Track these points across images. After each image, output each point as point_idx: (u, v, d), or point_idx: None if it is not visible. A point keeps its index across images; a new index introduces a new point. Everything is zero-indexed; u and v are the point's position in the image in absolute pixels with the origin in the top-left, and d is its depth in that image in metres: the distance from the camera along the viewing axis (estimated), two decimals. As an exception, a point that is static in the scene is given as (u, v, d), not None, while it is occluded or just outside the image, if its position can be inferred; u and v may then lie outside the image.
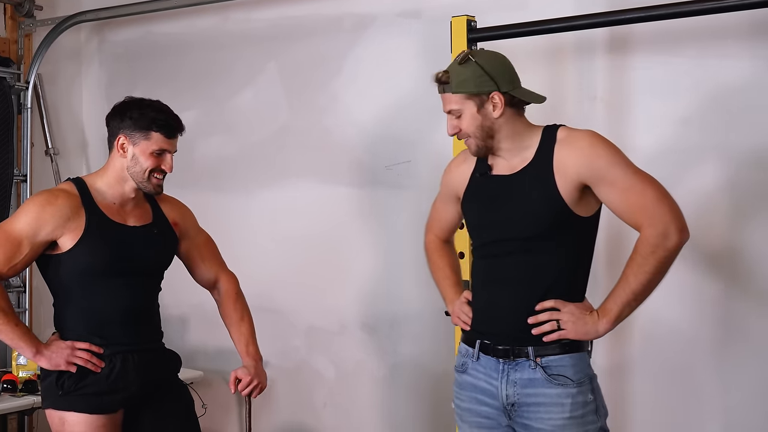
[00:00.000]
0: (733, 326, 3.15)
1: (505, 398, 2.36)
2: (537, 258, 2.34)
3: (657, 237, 2.22)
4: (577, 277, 2.38)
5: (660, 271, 2.25)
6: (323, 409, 4.07)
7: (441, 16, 3.42)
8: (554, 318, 2.31)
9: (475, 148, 2.41)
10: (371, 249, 3.93)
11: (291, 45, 4.12)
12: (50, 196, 2.65)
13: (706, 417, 3.20)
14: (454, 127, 2.41)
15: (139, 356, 2.68)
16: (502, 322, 2.39)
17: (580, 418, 2.30)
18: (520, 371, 2.34)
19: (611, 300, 2.30)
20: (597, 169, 2.27)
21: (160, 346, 2.82)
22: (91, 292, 2.64)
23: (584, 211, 2.33)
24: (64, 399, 2.62)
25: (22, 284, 4.43)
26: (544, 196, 2.32)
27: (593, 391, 2.34)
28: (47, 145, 4.59)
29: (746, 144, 3.12)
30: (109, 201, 2.68)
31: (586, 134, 2.34)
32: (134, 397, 2.68)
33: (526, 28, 3.10)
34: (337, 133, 4.00)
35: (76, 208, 2.62)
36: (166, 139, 2.64)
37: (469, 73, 2.35)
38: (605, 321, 2.29)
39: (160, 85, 4.18)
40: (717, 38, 3.15)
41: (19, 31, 4.52)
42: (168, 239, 2.80)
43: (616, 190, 2.27)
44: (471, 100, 2.35)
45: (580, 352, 2.34)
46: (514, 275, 2.37)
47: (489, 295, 2.44)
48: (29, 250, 2.60)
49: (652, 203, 2.24)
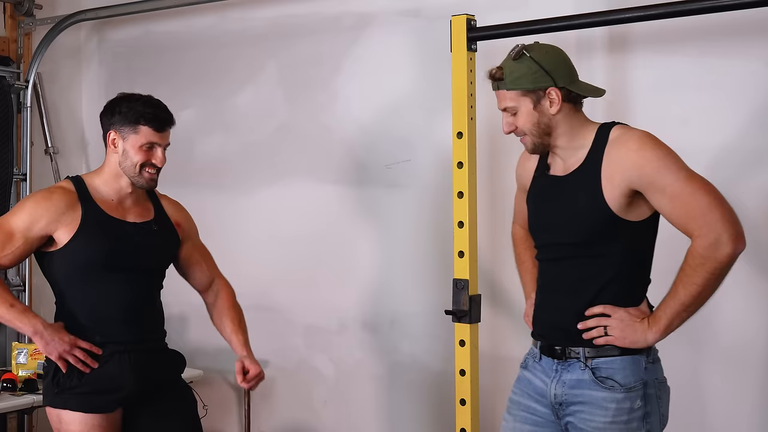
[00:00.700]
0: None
1: (554, 397, 2.34)
2: (586, 263, 2.30)
3: (707, 248, 2.13)
4: (631, 282, 2.31)
5: (711, 283, 2.16)
6: (323, 408, 4.07)
7: (440, 15, 3.42)
8: (602, 324, 2.26)
9: (532, 146, 2.36)
10: (371, 248, 3.93)
11: (290, 44, 4.11)
12: (47, 192, 2.67)
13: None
14: (509, 125, 2.35)
15: (138, 355, 2.67)
16: (554, 324, 2.38)
17: (624, 424, 2.24)
18: (570, 372, 2.32)
19: (661, 309, 2.23)
20: (646, 174, 2.18)
21: (161, 346, 2.81)
22: (90, 288, 2.64)
23: (635, 216, 2.25)
24: (59, 397, 2.63)
25: (22, 283, 4.43)
26: (589, 202, 2.26)
27: (645, 398, 2.26)
28: (47, 144, 4.59)
29: (747, 143, 3.12)
30: (107, 197, 2.68)
31: (637, 136, 2.25)
32: (132, 396, 2.67)
33: (526, 27, 3.09)
34: (336, 132, 4.00)
35: (72, 203, 2.63)
36: (155, 132, 2.63)
37: (525, 69, 2.29)
38: (654, 330, 2.23)
39: (159, 84, 4.17)
40: (717, 37, 3.15)
41: (18, 30, 4.52)
42: (169, 237, 2.79)
43: (666, 197, 2.17)
44: (527, 96, 2.30)
45: (634, 355, 2.26)
46: (566, 280, 2.35)
47: (545, 298, 2.44)
48: (22, 243, 2.61)
49: (703, 210, 2.13)
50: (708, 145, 3.18)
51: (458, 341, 3.01)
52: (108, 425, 2.64)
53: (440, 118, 3.54)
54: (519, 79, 2.30)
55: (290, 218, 4.12)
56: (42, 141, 4.59)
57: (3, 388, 3.60)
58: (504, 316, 3.50)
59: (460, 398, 3.01)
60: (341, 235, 4.00)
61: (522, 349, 2.58)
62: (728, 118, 3.15)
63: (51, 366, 2.68)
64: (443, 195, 3.45)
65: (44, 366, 2.74)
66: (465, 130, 3.02)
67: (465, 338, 2.99)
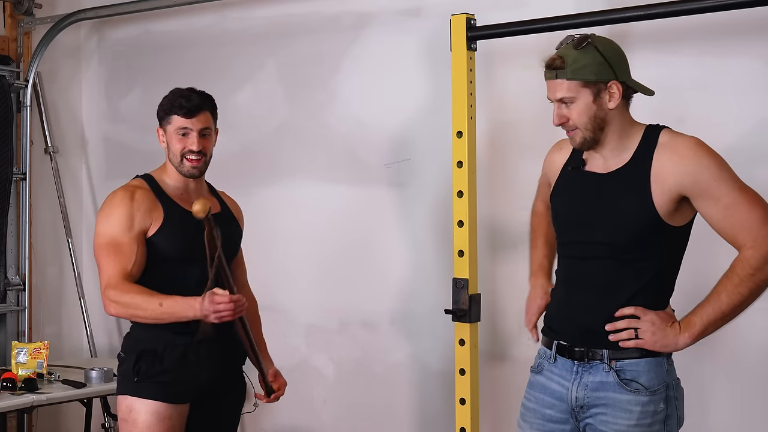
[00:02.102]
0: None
1: (575, 400, 2.30)
2: (621, 265, 2.25)
3: (759, 260, 2.12)
4: (662, 286, 2.29)
5: (755, 295, 2.16)
6: (323, 408, 4.07)
7: (440, 14, 3.42)
8: (633, 326, 2.23)
9: (581, 140, 2.27)
10: (371, 247, 3.93)
11: (290, 43, 4.11)
12: (126, 191, 2.72)
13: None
14: (561, 117, 2.27)
15: (213, 345, 2.71)
16: (578, 323, 2.32)
17: (647, 427, 2.23)
18: (593, 374, 2.27)
19: (697, 315, 2.20)
20: (701, 182, 2.16)
21: (233, 335, 2.83)
22: (168, 279, 2.67)
23: (677, 221, 2.23)
24: (137, 385, 2.66)
25: (22, 282, 4.43)
26: (636, 204, 2.21)
27: (667, 400, 2.25)
28: (46, 143, 4.59)
29: (747, 143, 3.12)
30: (176, 191, 2.77)
31: (691, 142, 2.22)
32: (204, 385, 2.72)
33: (526, 27, 3.10)
34: (336, 131, 3.99)
35: (153, 199, 2.72)
36: (186, 119, 2.70)
37: (589, 59, 2.21)
38: (687, 335, 2.21)
39: (159, 83, 4.15)
40: (717, 36, 3.15)
41: (18, 29, 4.51)
42: (236, 229, 2.88)
43: (720, 206, 2.15)
44: (587, 88, 2.22)
45: (657, 357, 2.25)
46: (596, 280, 2.29)
47: (568, 295, 2.37)
48: (134, 244, 2.65)
49: (758, 223, 2.13)
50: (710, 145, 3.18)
51: (458, 340, 3.01)
52: (177, 417, 2.68)
53: (440, 117, 3.54)
54: (582, 69, 2.21)
55: (290, 217, 4.11)
56: (42, 140, 4.58)
57: (3, 388, 3.59)
58: (504, 315, 3.50)
59: (459, 397, 3.01)
60: (341, 234, 4.00)
61: (522, 348, 2.58)
62: (728, 117, 3.15)
63: (131, 354, 2.70)
64: (443, 194, 3.45)
65: (120, 355, 2.77)
66: (465, 130, 3.02)
67: (465, 337, 2.99)
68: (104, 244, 2.66)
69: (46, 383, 3.75)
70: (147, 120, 2.92)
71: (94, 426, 4.19)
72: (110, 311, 2.64)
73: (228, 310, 2.51)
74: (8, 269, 4.40)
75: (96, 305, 4.62)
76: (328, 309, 4.03)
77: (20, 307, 4.44)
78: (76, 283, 4.57)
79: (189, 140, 2.71)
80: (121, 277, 2.61)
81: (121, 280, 2.60)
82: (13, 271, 4.43)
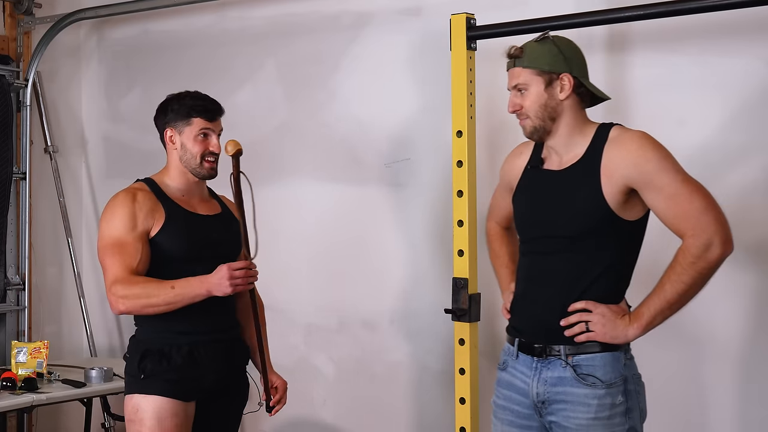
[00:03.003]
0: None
1: (536, 396, 2.36)
2: (578, 258, 2.32)
3: (699, 248, 2.18)
4: (617, 280, 2.35)
5: (698, 283, 2.21)
6: (322, 407, 4.07)
7: (440, 14, 3.42)
8: (584, 319, 2.29)
9: (531, 129, 2.38)
10: (370, 247, 3.93)
11: (289, 42, 4.11)
12: (128, 193, 2.74)
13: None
14: (515, 105, 2.39)
15: (218, 345, 2.75)
16: (537, 320, 2.39)
17: (606, 420, 2.27)
18: (551, 369, 2.34)
19: (645, 306, 2.27)
20: (645, 173, 2.23)
21: (237, 335, 2.87)
22: (174, 279, 2.67)
23: (630, 215, 2.29)
24: (144, 383, 2.67)
25: (22, 282, 4.43)
26: (588, 197, 2.29)
27: (626, 393, 2.30)
28: (46, 142, 4.59)
29: (746, 142, 3.12)
30: (177, 193, 2.78)
31: (637, 135, 2.30)
32: (210, 385, 2.73)
33: (526, 26, 3.09)
34: (335, 130, 4.00)
35: (155, 201, 2.73)
36: (207, 122, 2.75)
37: (545, 51, 2.35)
38: (636, 326, 2.27)
39: (158, 83, 4.17)
40: (717, 36, 3.15)
41: (18, 28, 4.52)
42: (235, 232, 2.85)
43: (663, 196, 2.22)
44: (541, 76, 2.34)
45: (614, 352, 2.30)
46: (554, 275, 2.36)
47: (528, 292, 2.44)
48: (139, 243, 2.66)
49: (697, 212, 2.19)
50: (707, 144, 3.18)
51: (458, 340, 3.01)
52: (183, 415, 2.69)
53: (440, 116, 3.54)
54: (537, 58, 2.34)
55: (288, 216, 4.11)
56: (41, 139, 4.58)
57: (2, 387, 3.59)
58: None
59: (459, 397, 3.01)
60: (340, 233, 4.00)
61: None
62: (728, 116, 3.15)
63: (136, 353, 2.72)
64: (443, 194, 3.45)
65: (126, 356, 2.79)
66: (465, 129, 3.02)
67: (464, 337, 3.00)
68: (108, 245, 2.67)
69: (46, 383, 3.75)
70: (147, 119, 2.92)
71: (94, 425, 4.19)
72: (119, 308, 2.62)
73: (243, 277, 2.59)
74: (8, 269, 4.40)
75: (96, 305, 4.63)
76: (327, 308, 4.03)
77: (20, 306, 4.44)
78: (76, 282, 4.57)
79: (210, 142, 2.76)
80: (127, 273, 2.62)
81: (126, 275, 2.61)
82: (13, 270, 4.43)
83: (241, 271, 2.61)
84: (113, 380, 3.80)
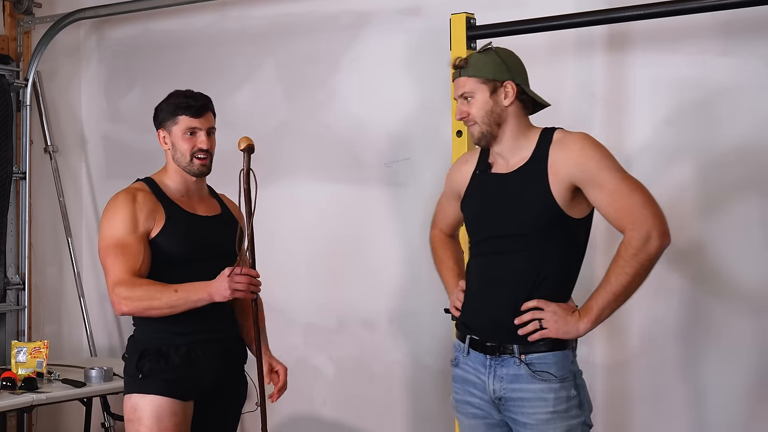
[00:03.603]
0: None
1: (493, 392, 2.43)
2: (527, 257, 2.40)
3: (639, 240, 2.28)
4: (565, 279, 2.44)
5: (640, 274, 2.31)
6: (322, 407, 4.07)
7: (440, 13, 3.42)
8: (537, 317, 2.37)
9: (479, 135, 2.46)
10: (370, 246, 3.93)
11: (289, 42, 4.11)
12: (128, 194, 2.74)
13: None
14: (462, 112, 2.47)
15: (217, 345, 2.74)
16: (490, 319, 2.45)
17: (564, 413, 2.37)
18: (506, 367, 2.41)
19: (593, 300, 2.36)
20: (587, 170, 2.33)
21: (235, 334, 2.86)
22: (170, 280, 2.67)
23: (576, 213, 2.39)
24: (142, 382, 2.67)
25: (21, 282, 4.43)
26: (537, 195, 2.38)
27: (576, 387, 2.40)
28: (46, 142, 4.59)
29: (746, 142, 3.12)
30: (177, 193, 2.78)
31: (579, 136, 2.41)
32: (208, 384, 2.73)
33: (526, 26, 3.10)
34: (335, 130, 4.00)
35: (154, 201, 2.73)
36: (193, 118, 2.74)
37: (489, 60, 2.45)
38: (586, 320, 2.35)
39: (158, 82, 4.17)
40: (717, 36, 3.15)
41: (18, 28, 4.51)
42: (236, 226, 2.87)
43: (604, 192, 2.32)
44: (485, 84, 2.44)
45: (563, 350, 2.40)
46: (505, 274, 2.43)
47: (480, 293, 2.50)
48: (140, 244, 2.66)
49: (637, 207, 2.29)
50: (707, 144, 3.18)
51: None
52: (182, 415, 2.69)
53: (440, 116, 3.54)
54: (481, 68, 2.44)
55: (288, 216, 4.11)
56: (41, 139, 4.58)
57: (2, 387, 3.59)
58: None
59: (459, 397, 3.01)
60: (340, 233, 4.00)
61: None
62: (728, 116, 3.15)
63: (134, 353, 2.72)
64: (442, 193, 3.45)
65: (125, 356, 2.79)
66: (464, 129, 3.02)
67: (464, 337, 2.99)
68: (110, 246, 2.67)
69: (46, 382, 3.75)
70: (147, 119, 2.92)
71: (94, 425, 4.19)
72: (122, 309, 2.63)
73: (245, 284, 2.59)
74: (8, 268, 4.40)
75: (96, 305, 4.63)
76: (326, 308, 4.03)
77: (20, 306, 4.44)
78: (75, 282, 4.57)
79: (198, 139, 2.75)
80: (130, 275, 2.62)
81: (129, 277, 2.61)
82: (13, 270, 4.43)
83: (243, 277, 2.60)
84: (113, 380, 3.80)
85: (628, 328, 3.32)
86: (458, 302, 2.60)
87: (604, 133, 3.34)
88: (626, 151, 3.28)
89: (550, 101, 2.53)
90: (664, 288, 3.20)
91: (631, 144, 3.31)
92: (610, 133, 3.34)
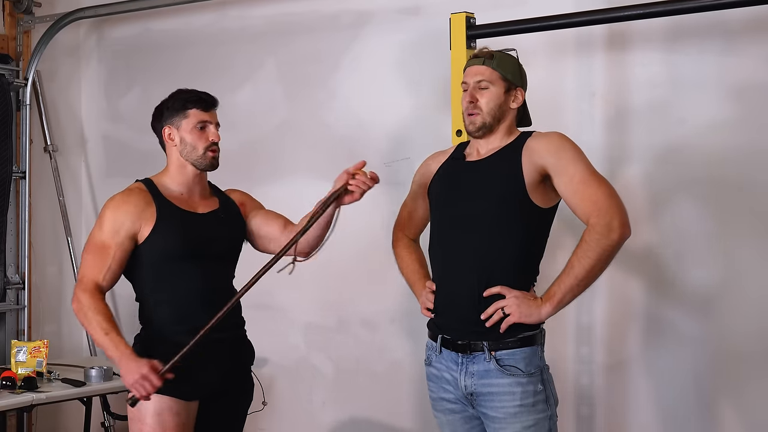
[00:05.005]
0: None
1: (464, 388, 2.52)
2: (488, 239, 2.49)
3: (603, 227, 2.38)
4: (525, 267, 2.53)
5: (602, 260, 2.40)
6: (322, 407, 4.07)
7: (440, 13, 3.42)
8: (500, 305, 2.46)
9: (480, 124, 2.57)
10: (370, 246, 3.92)
11: (289, 41, 4.11)
12: (124, 195, 2.77)
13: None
14: (473, 97, 2.57)
15: (220, 345, 2.73)
16: (457, 317, 2.55)
17: (531, 406, 2.46)
18: (477, 363, 2.50)
19: (555, 284, 2.45)
20: (561, 159, 2.46)
21: (241, 334, 2.87)
22: (170, 278, 2.71)
23: (540, 201, 2.49)
24: None
25: (21, 281, 4.43)
26: (506, 175, 2.49)
27: (543, 382, 2.49)
28: (46, 141, 4.59)
29: (746, 141, 3.12)
30: (176, 192, 2.79)
31: (558, 133, 2.54)
32: (213, 384, 2.73)
33: (525, 25, 3.10)
34: (335, 129, 4.00)
35: (148, 200, 2.74)
36: (203, 112, 2.77)
37: (512, 63, 2.61)
38: (548, 305, 2.45)
39: (158, 82, 4.17)
40: (717, 35, 3.15)
41: (17, 27, 4.51)
42: (235, 222, 2.89)
43: (574, 182, 2.44)
44: (504, 81, 2.57)
45: (532, 346, 2.49)
46: (468, 265, 2.52)
47: (446, 286, 2.59)
48: (116, 250, 2.69)
49: (603, 198, 2.41)
50: (707, 143, 3.18)
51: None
52: (185, 414, 2.69)
53: (439, 116, 3.54)
54: (506, 66, 2.58)
55: (289, 216, 4.09)
56: (41, 139, 4.58)
57: (2, 386, 3.59)
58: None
59: (459, 396, 3.01)
60: (340, 232, 3.98)
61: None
62: (727, 116, 3.15)
63: (139, 353, 2.70)
64: (442, 193, 3.44)
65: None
66: (464, 128, 3.02)
67: (464, 336, 2.99)
68: (92, 243, 2.73)
69: (46, 382, 3.76)
70: (146, 119, 2.91)
71: (94, 425, 4.19)
72: (73, 307, 2.72)
73: (144, 390, 2.58)
74: (8, 268, 4.40)
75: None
76: (327, 307, 4.03)
77: (20, 305, 4.44)
78: (75, 281, 4.56)
79: (210, 132, 2.78)
80: (95, 285, 2.68)
81: (95, 290, 2.68)
82: (13, 269, 4.43)
83: (147, 383, 2.58)
84: (113, 379, 3.80)
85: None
86: (429, 303, 2.67)
87: (604, 132, 3.35)
88: (625, 150, 3.28)
89: (550, 101, 2.59)
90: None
91: (631, 143, 3.31)
92: (609, 133, 3.34)
